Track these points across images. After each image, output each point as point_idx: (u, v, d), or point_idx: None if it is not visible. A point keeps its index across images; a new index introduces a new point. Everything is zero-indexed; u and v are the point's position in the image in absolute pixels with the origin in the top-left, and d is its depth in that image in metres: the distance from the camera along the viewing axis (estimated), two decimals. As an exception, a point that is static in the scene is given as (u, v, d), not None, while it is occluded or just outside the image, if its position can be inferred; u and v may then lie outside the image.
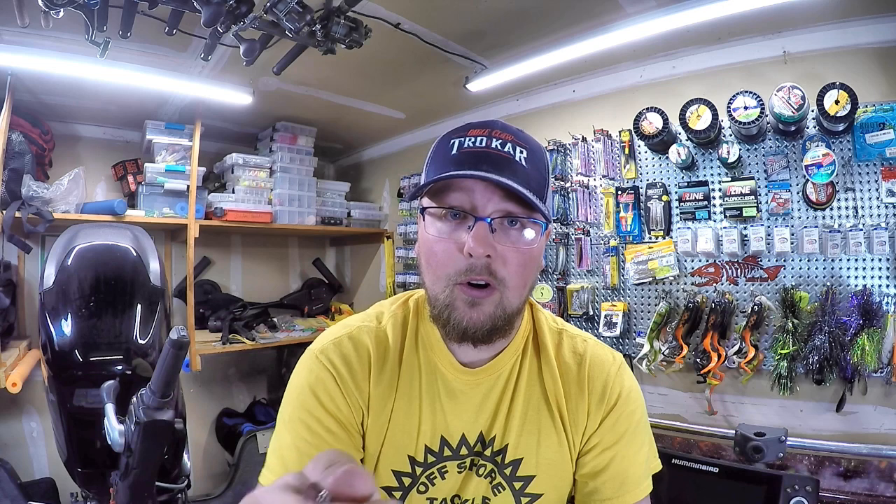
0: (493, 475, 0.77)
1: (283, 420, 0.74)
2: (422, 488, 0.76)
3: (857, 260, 1.56)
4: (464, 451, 0.76)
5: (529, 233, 0.68)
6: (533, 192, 0.66)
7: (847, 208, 1.59)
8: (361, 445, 0.75)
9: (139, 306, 1.52)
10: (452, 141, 0.69)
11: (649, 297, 1.97)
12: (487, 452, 0.76)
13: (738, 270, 1.78)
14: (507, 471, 0.76)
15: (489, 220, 0.65)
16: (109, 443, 1.22)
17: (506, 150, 0.67)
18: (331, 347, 0.76)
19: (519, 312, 0.72)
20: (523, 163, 0.67)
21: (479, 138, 0.68)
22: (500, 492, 0.77)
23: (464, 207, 0.66)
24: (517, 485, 0.77)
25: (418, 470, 0.76)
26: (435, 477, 0.76)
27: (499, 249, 0.66)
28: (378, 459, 0.75)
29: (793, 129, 1.61)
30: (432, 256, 0.68)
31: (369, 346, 0.76)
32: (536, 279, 0.75)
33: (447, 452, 0.76)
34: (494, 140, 0.67)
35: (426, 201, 0.70)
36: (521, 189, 0.64)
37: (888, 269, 1.52)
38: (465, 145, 0.68)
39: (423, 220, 0.70)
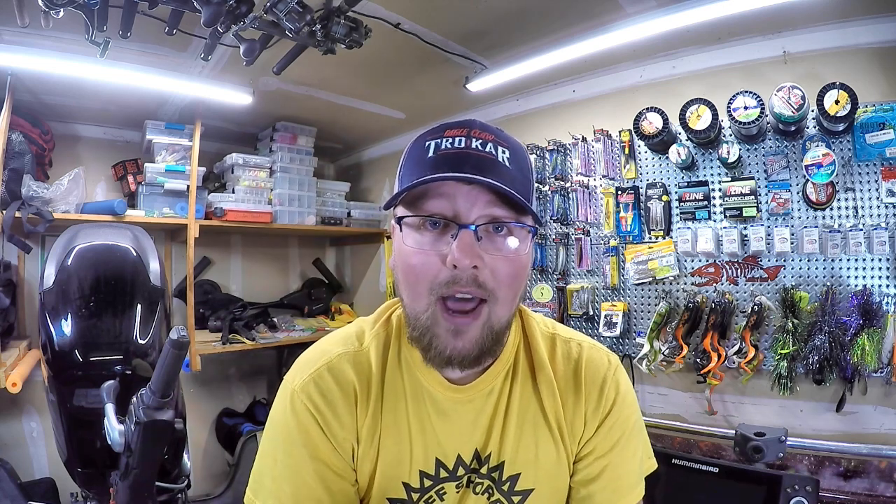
0: (490, 491, 0.74)
1: (273, 459, 0.70)
2: None
3: (857, 260, 1.56)
4: (461, 471, 0.73)
5: (517, 240, 0.63)
6: (519, 194, 0.61)
7: (847, 208, 1.58)
8: (355, 479, 0.73)
9: (139, 306, 1.52)
10: (428, 143, 0.63)
11: (649, 297, 1.97)
12: (484, 469, 0.73)
13: (738, 270, 1.78)
14: (506, 486, 0.74)
15: (474, 227, 0.60)
16: (109, 443, 1.22)
17: (487, 150, 0.62)
18: (311, 385, 0.70)
19: (508, 327, 0.67)
20: (507, 163, 0.62)
21: (457, 139, 0.62)
22: None
23: (445, 215, 0.61)
24: (515, 499, 0.74)
25: (415, 496, 0.72)
26: (433, 500, 0.73)
27: (486, 259, 0.61)
28: (372, 489, 0.72)
29: (793, 129, 1.61)
30: (410, 271, 0.63)
31: (352, 378, 0.71)
32: (526, 289, 0.71)
33: (443, 474, 0.73)
34: (474, 140, 0.62)
35: (401, 210, 0.64)
36: (509, 189, 0.59)
37: (888, 269, 1.52)
38: (443, 147, 0.62)
39: (400, 231, 0.63)
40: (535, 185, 2.16)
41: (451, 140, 0.62)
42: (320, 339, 0.79)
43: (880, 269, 1.53)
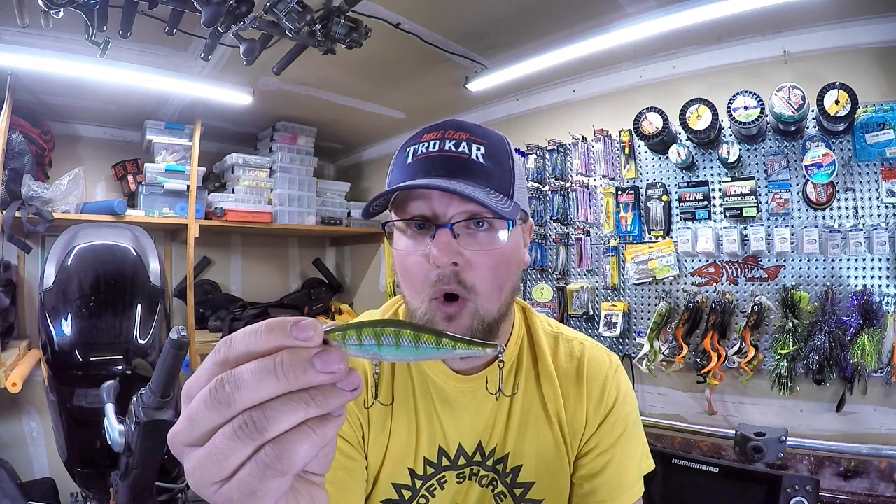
0: (494, 484, 0.76)
1: None
2: (422, 500, 0.75)
3: (857, 260, 1.56)
4: (462, 461, 0.75)
5: (497, 232, 0.64)
6: (495, 189, 0.64)
7: (847, 208, 1.58)
8: (364, 455, 0.75)
9: (139, 306, 1.52)
10: (408, 149, 0.67)
11: (649, 297, 1.97)
12: (489, 462, 0.76)
13: (738, 270, 1.78)
14: (509, 479, 0.76)
15: (450, 225, 0.62)
16: (109, 443, 1.22)
17: (461, 150, 0.64)
18: None
19: (501, 319, 0.68)
20: (481, 160, 0.64)
21: (432, 142, 0.65)
22: (502, 500, 0.77)
23: (425, 216, 0.64)
24: (517, 491, 0.76)
25: (418, 483, 0.75)
26: (434, 488, 0.75)
27: (466, 255, 0.63)
28: (379, 473, 0.75)
29: (793, 129, 1.61)
30: (405, 272, 0.66)
31: (363, 363, 0.74)
32: (518, 279, 0.70)
33: (445, 462, 0.75)
34: (448, 142, 0.65)
35: (389, 215, 0.68)
36: (470, 193, 0.60)
37: (888, 269, 1.52)
38: (419, 152, 0.65)
39: (393, 235, 0.68)
40: (534, 183, 2.18)
41: (426, 144, 0.66)
42: None
43: (880, 269, 1.53)
